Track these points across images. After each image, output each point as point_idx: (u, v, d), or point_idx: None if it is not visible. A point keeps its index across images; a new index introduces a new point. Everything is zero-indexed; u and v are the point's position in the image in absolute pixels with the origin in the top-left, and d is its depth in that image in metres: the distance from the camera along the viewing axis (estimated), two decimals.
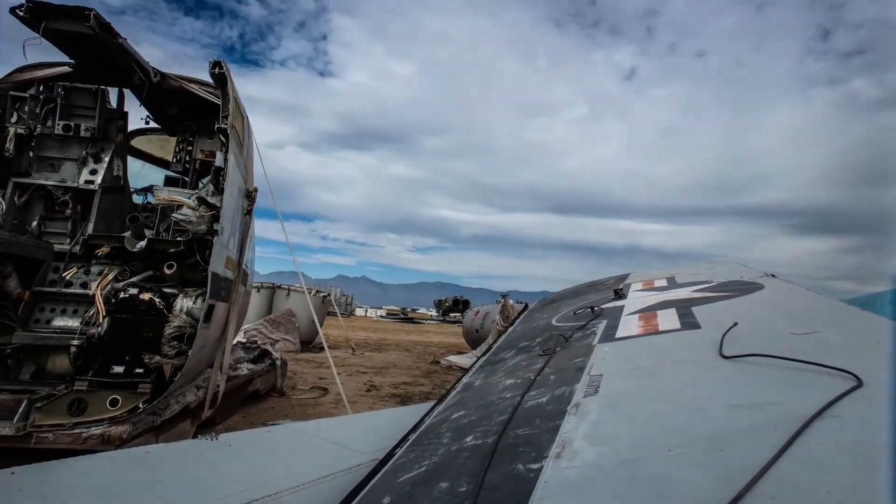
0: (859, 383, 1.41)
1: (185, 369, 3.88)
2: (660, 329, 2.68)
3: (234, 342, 5.93)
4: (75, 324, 4.19)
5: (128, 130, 5.56)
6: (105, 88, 5.13)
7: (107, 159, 4.98)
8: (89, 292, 4.26)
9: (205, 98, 5.12)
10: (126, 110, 5.38)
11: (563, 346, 2.87)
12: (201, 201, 4.34)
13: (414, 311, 67.68)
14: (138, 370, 3.80)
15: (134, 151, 6.83)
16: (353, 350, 15.03)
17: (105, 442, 3.47)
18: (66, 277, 4.40)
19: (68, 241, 4.67)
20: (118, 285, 4.15)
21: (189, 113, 5.83)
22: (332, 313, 18.43)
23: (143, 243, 4.38)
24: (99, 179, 4.87)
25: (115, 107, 5.28)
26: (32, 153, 4.82)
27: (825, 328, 2.11)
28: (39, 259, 4.32)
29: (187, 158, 5.98)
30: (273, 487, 1.97)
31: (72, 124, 4.88)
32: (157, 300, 3.98)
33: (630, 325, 2.95)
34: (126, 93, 5.32)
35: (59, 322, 4.25)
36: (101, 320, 3.94)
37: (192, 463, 2.34)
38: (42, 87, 4.93)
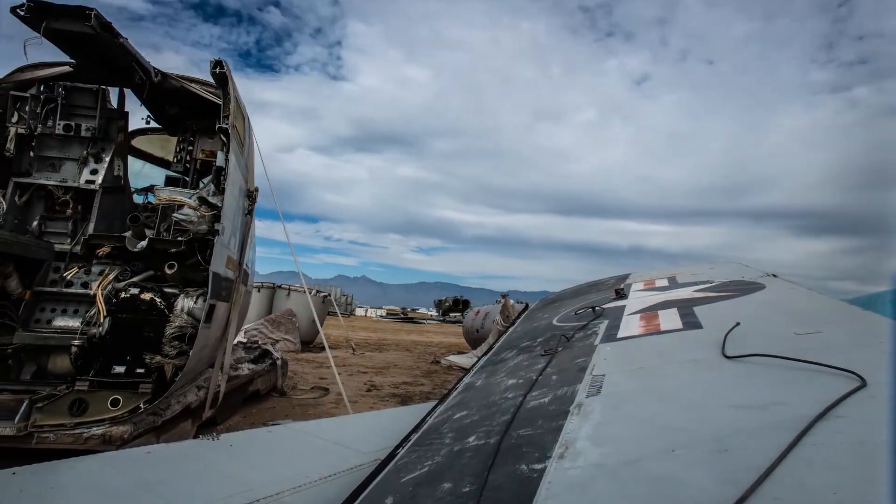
0: (863, 383, 1.40)
1: (186, 369, 3.87)
2: (661, 329, 2.68)
3: (234, 342, 5.92)
4: (76, 324, 4.18)
5: (128, 130, 5.56)
6: (106, 88, 5.12)
7: (107, 159, 4.98)
8: (90, 292, 4.25)
9: (205, 98, 5.11)
10: (127, 110, 5.38)
11: (565, 346, 2.86)
12: (202, 201, 4.33)
13: (414, 311, 67.66)
14: (139, 370, 3.80)
15: (134, 151, 6.83)
16: (353, 350, 15.03)
17: (106, 442, 3.46)
18: (67, 277, 4.39)
19: (69, 240, 4.67)
20: (119, 285, 4.14)
21: (190, 113, 5.83)
22: (332, 313, 18.44)
23: (143, 243, 4.37)
24: (100, 179, 4.87)
25: (115, 107, 5.28)
26: (33, 153, 4.81)
27: (828, 328, 2.10)
28: (40, 259, 4.31)
29: (188, 158, 5.97)
30: (275, 488, 1.97)
31: (72, 124, 4.88)
32: (158, 300, 3.98)
33: (632, 325, 2.94)
34: (127, 92, 5.32)
35: (59, 322, 4.24)
36: (101, 320, 3.94)
37: (193, 463, 2.34)
38: (43, 87, 4.92)
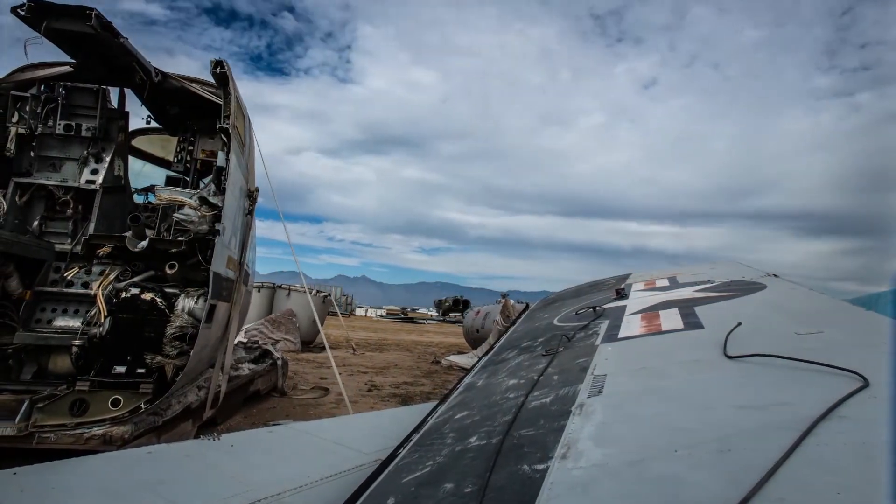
0: (866, 384, 1.40)
1: (186, 369, 3.87)
2: (663, 329, 2.68)
3: (235, 342, 5.92)
4: (77, 324, 4.18)
5: (129, 130, 5.55)
6: (106, 88, 5.12)
7: (108, 159, 4.97)
8: (91, 292, 4.24)
9: (206, 98, 5.11)
10: (127, 110, 5.37)
11: (566, 346, 2.86)
12: (203, 201, 4.33)
13: (414, 311, 67.65)
14: (140, 370, 3.80)
15: (135, 151, 6.83)
16: (353, 350, 15.02)
17: (107, 442, 3.46)
18: (68, 277, 4.39)
19: (69, 240, 4.66)
20: (119, 285, 4.14)
21: (190, 112, 5.82)
22: (332, 313, 18.44)
23: (144, 243, 4.37)
24: (100, 179, 4.86)
25: (116, 106, 5.28)
26: (33, 153, 4.81)
27: (829, 328, 2.10)
28: (41, 259, 4.31)
29: (188, 158, 5.97)
30: (276, 488, 1.97)
31: (73, 124, 4.87)
32: (159, 300, 3.97)
33: (632, 325, 2.94)
34: (127, 92, 5.31)
35: (60, 322, 4.24)
36: (102, 320, 3.94)
37: (194, 463, 2.34)
38: (43, 87, 4.92)
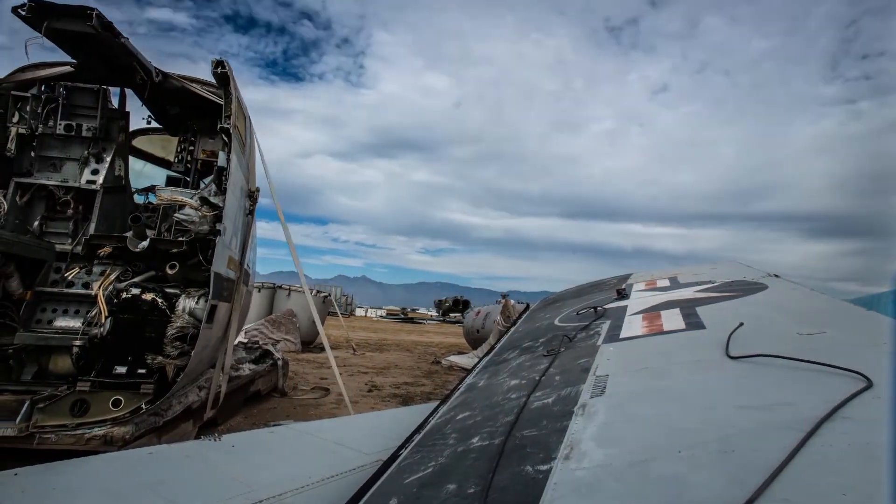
0: (869, 384, 1.40)
1: (187, 370, 3.87)
2: (664, 329, 2.67)
3: (235, 342, 5.92)
4: (77, 324, 4.17)
5: (129, 130, 5.55)
6: (107, 88, 5.11)
7: (108, 159, 4.97)
8: (91, 292, 4.24)
9: (206, 98, 5.11)
10: (128, 110, 5.37)
11: (567, 346, 2.86)
12: (204, 201, 4.32)
13: (414, 311, 67.64)
14: (141, 371, 3.79)
15: (135, 151, 6.83)
16: (353, 350, 15.02)
17: (108, 443, 3.46)
18: (68, 278, 4.38)
19: (70, 241, 4.65)
20: (120, 285, 4.13)
21: (191, 113, 5.82)
22: (332, 313, 18.44)
23: (145, 243, 4.36)
24: (100, 179, 4.86)
25: (116, 107, 5.28)
26: (34, 153, 4.80)
27: (832, 328, 2.10)
28: (41, 259, 4.30)
29: (189, 158, 5.96)
30: (277, 489, 1.96)
31: (73, 124, 4.87)
32: (160, 300, 3.97)
33: (634, 325, 2.94)
34: (128, 92, 5.31)
35: (61, 322, 4.23)
36: (103, 320, 3.93)
37: (195, 464, 2.33)
38: (44, 87, 4.92)
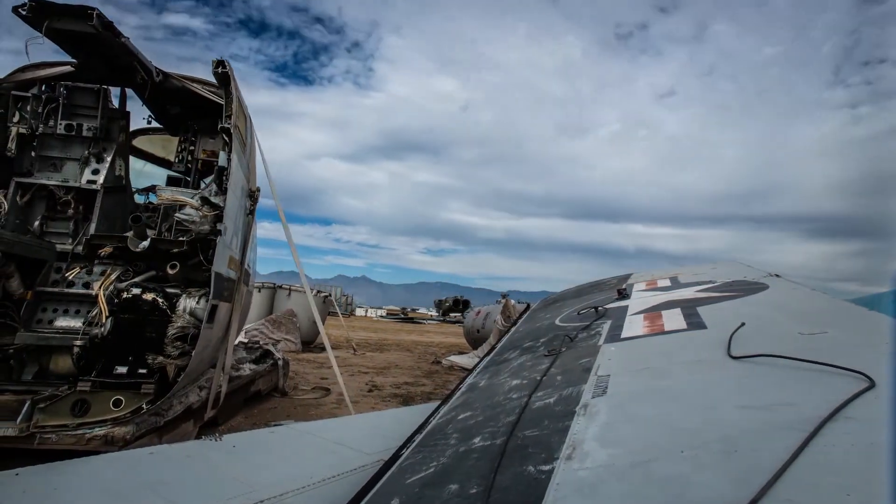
0: (872, 384, 1.40)
1: (188, 370, 3.86)
2: (665, 329, 2.67)
3: (236, 342, 5.91)
4: (78, 324, 4.17)
5: (130, 130, 5.55)
6: (107, 88, 5.11)
7: (109, 159, 4.97)
8: (92, 292, 4.24)
9: (207, 98, 5.10)
10: (128, 110, 5.37)
11: (569, 346, 2.86)
12: (204, 201, 4.32)
13: (414, 311, 67.64)
14: (141, 371, 3.79)
15: (136, 151, 6.82)
16: (354, 350, 15.02)
17: (108, 443, 3.45)
18: (69, 278, 4.38)
19: (70, 241, 4.65)
20: (121, 285, 4.13)
21: (191, 112, 5.82)
22: (332, 313, 18.45)
23: (145, 243, 4.36)
24: (101, 179, 4.85)
25: (117, 106, 5.27)
26: (34, 153, 4.80)
27: (833, 328, 2.09)
28: (42, 259, 4.30)
29: (189, 158, 5.96)
30: (278, 489, 1.96)
31: (74, 124, 4.86)
32: (161, 300, 3.97)
33: (635, 325, 2.94)
34: (128, 92, 5.31)
35: (61, 322, 4.23)
36: (104, 320, 3.93)
37: (196, 464, 2.33)
38: (44, 87, 4.91)
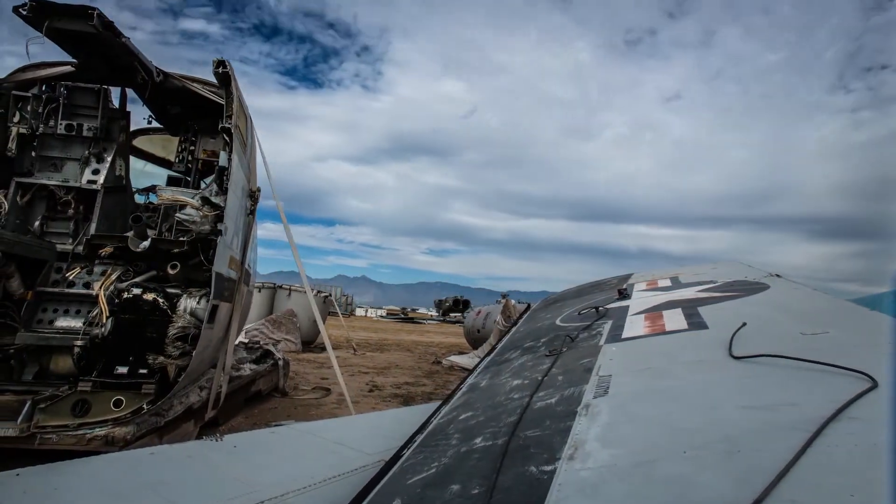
0: (874, 384, 1.39)
1: (188, 370, 3.86)
2: (667, 329, 2.67)
3: (236, 342, 5.91)
4: (78, 324, 4.17)
5: (130, 130, 5.54)
6: (107, 88, 5.11)
7: (109, 159, 4.96)
8: (92, 292, 4.23)
9: (207, 98, 5.10)
10: (128, 110, 5.36)
11: (570, 346, 2.85)
12: (205, 201, 4.32)
13: (414, 311, 67.64)
14: (142, 371, 3.78)
15: (136, 151, 6.82)
16: (354, 350, 15.01)
17: (109, 443, 3.45)
18: (69, 278, 4.38)
19: (71, 241, 4.65)
20: (121, 285, 4.13)
21: (191, 112, 5.82)
22: (332, 313, 18.44)
23: (146, 243, 4.35)
24: (101, 179, 4.85)
25: (117, 106, 5.27)
26: (35, 153, 4.80)
27: (835, 328, 2.09)
28: (42, 259, 4.30)
29: (189, 158, 5.96)
30: (279, 489, 1.96)
31: (74, 124, 4.86)
32: (161, 300, 3.96)
33: (636, 325, 2.94)
34: (128, 92, 5.31)
35: (62, 322, 4.23)
36: (104, 321, 3.93)
37: (196, 464, 2.33)
38: (44, 87, 4.91)
